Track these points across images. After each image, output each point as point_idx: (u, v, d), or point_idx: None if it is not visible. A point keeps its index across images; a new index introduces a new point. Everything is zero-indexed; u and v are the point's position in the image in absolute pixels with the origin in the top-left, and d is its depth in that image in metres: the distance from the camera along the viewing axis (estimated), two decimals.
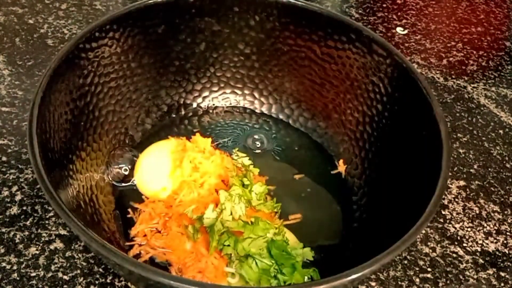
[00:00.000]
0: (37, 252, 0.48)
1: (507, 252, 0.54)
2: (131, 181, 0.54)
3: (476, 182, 0.61)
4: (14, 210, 0.51)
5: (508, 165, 0.63)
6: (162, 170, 0.53)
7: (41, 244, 0.49)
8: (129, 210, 0.51)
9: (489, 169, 0.63)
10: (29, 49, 0.70)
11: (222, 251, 0.46)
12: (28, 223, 0.50)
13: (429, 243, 0.54)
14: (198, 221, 0.49)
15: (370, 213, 0.52)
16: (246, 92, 0.64)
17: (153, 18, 0.54)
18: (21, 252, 0.48)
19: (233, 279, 0.45)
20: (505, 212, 0.58)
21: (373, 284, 0.50)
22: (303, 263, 0.47)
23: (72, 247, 0.49)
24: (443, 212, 0.57)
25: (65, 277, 0.47)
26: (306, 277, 0.46)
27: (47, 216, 0.51)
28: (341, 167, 0.58)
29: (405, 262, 0.52)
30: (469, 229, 0.56)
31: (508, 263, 0.53)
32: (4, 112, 0.61)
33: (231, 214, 0.48)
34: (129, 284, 0.47)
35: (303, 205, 0.54)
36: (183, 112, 0.62)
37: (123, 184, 0.53)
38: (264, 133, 0.62)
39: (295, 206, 0.54)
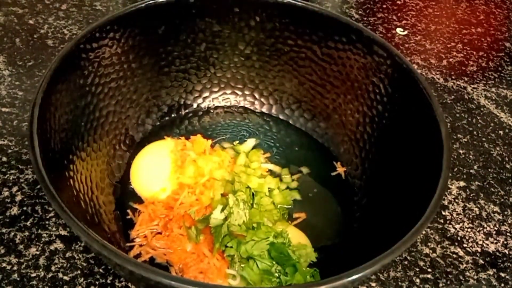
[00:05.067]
0: (37, 252, 0.48)
1: (507, 252, 0.54)
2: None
3: (476, 182, 0.61)
4: (15, 210, 0.51)
5: (508, 166, 0.63)
6: (160, 171, 0.53)
7: (41, 245, 0.49)
8: (128, 211, 0.51)
9: (489, 169, 0.63)
10: (29, 50, 0.70)
11: (224, 253, 0.46)
12: (28, 223, 0.50)
13: (429, 244, 0.54)
14: (201, 223, 0.49)
15: (371, 214, 0.52)
16: (247, 92, 0.64)
17: (153, 19, 0.54)
18: (21, 252, 0.48)
19: (234, 281, 0.45)
20: (505, 212, 0.58)
21: (373, 284, 0.50)
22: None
23: (73, 248, 0.49)
24: (443, 213, 0.57)
25: (65, 277, 0.47)
26: (307, 277, 0.46)
27: (47, 217, 0.51)
28: (340, 168, 0.58)
29: (406, 262, 0.52)
30: (469, 230, 0.56)
31: (508, 264, 0.53)
32: (5, 113, 0.61)
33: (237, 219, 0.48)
34: (129, 284, 0.47)
35: (303, 206, 0.54)
36: (183, 113, 0.63)
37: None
38: (264, 133, 0.62)
39: (296, 206, 0.54)
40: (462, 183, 0.61)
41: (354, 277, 0.34)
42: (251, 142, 0.59)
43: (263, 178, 0.54)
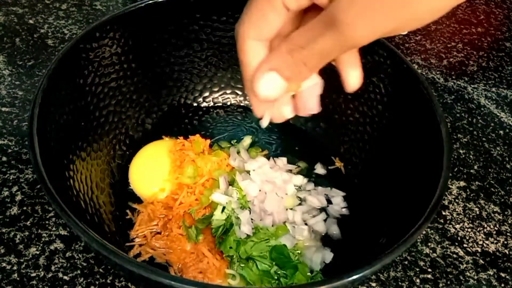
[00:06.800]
0: (37, 252, 0.48)
1: (507, 252, 0.54)
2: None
3: (477, 182, 0.61)
4: (14, 210, 0.51)
5: (508, 166, 0.63)
6: (159, 171, 0.53)
7: (41, 245, 0.49)
8: (128, 211, 0.51)
9: (489, 169, 0.63)
10: (29, 49, 0.70)
11: (224, 253, 0.46)
12: (28, 223, 0.50)
13: (429, 244, 0.54)
14: (201, 222, 0.49)
15: (371, 214, 0.52)
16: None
17: (153, 18, 0.54)
18: (21, 252, 0.48)
19: (234, 281, 0.45)
20: (506, 212, 0.58)
21: (373, 284, 0.50)
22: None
23: (72, 248, 0.49)
24: (443, 213, 0.57)
25: (65, 277, 0.47)
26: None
27: (47, 216, 0.51)
28: (338, 163, 0.58)
29: (406, 262, 0.52)
30: (469, 230, 0.56)
31: (509, 264, 0.53)
32: (5, 112, 0.61)
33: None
34: (129, 284, 0.47)
35: None
36: (183, 112, 0.62)
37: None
38: (263, 133, 0.62)
39: None
40: (462, 183, 0.61)
41: (354, 277, 0.34)
42: (247, 139, 0.59)
43: None
